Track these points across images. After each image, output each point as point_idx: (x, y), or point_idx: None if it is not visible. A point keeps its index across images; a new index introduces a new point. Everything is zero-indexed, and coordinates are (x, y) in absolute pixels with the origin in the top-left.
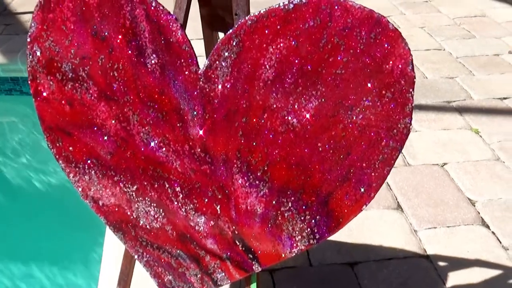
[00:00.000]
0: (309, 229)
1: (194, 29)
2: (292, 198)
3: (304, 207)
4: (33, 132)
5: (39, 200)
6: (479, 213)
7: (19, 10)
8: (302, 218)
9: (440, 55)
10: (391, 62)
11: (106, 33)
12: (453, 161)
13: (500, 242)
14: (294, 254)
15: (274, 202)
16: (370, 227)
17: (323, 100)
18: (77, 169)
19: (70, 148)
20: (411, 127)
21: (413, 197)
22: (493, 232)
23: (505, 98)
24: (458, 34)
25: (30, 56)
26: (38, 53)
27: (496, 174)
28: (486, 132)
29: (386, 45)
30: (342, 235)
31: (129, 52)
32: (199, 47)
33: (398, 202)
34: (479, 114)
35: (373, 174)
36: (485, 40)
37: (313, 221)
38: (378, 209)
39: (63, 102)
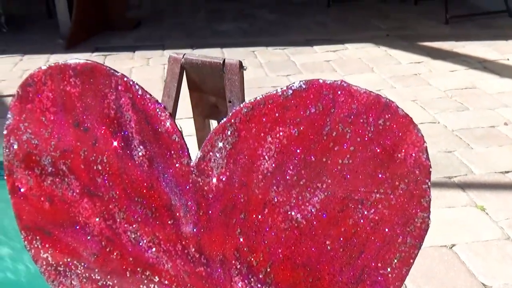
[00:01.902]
0: None
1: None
2: None
3: None
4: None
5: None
6: None
7: (5, 93)
8: None
9: (435, 129)
10: (403, 151)
11: (89, 124)
12: (462, 242)
13: None
14: None
15: None
16: None
17: (329, 193)
18: (57, 272)
19: (50, 249)
20: (429, 222)
21: (423, 285)
22: None
23: (507, 172)
24: (451, 106)
25: (7, 150)
26: (15, 146)
27: (508, 254)
28: (492, 209)
29: (396, 132)
30: None
31: (114, 144)
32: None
33: None
34: (482, 190)
35: (390, 275)
36: (479, 112)
37: None
38: None
39: (42, 198)
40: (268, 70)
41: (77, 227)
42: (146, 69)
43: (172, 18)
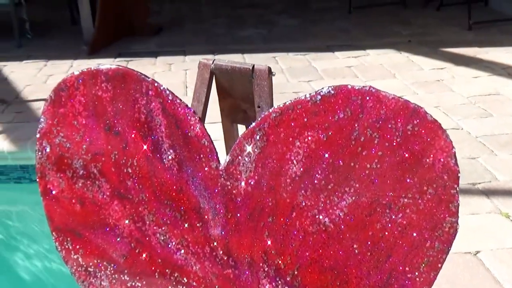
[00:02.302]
0: None
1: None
2: None
3: None
4: (43, 222)
5: None
6: None
7: (30, 98)
8: None
9: (459, 135)
10: (431, 156)
11: (119, 128)
12: (486, 248)
13: None
14: None
15: None
16: None
17: (357, 197)
18: (87, 273)
19: (80, 251)
20: (458, 227)
21: None
22: None
23: None
24: (474, 112)
25: (39, 153)
26: (48, 149)
27: None
28: None
29: (425, 137)
30: None
31: (144, 147)
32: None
33: None
34: (507, 197)
35: (417, 279)
36: (503, 118)
37: None
38: None
39: (73, 201)
40: (290, 76)
41: (107, 229)
42: (168, 75)
43: (192, 24)
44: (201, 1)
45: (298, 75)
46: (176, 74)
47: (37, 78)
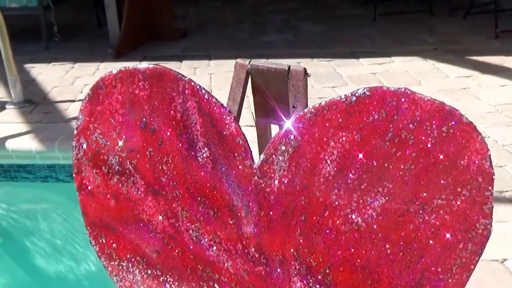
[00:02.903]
0: None
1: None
2: None
3: None
4: (66, 221)
5: None
6: None
7: (57, 99)
8: None
9: None
10: (466, 158)
11: (155, 126)
12: None
13: None
14: None
15: None
16: None
17: (390, 197)
18: (120, 267)
19: (114, 245)
20: (491, 229)
21: None
22: None
23: None
24: (501, 121)
25: (76, 149)
26: (85, 146)
27: None
28: None
29: (460, 139)
30: None
31: (180, 145)
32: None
33: None
34: None
35: (450, 280)
36: None
37: None
38: None
39: (108, 196)
40: (314, 81)
41: (141, 225)
42: (193, 78)
43: (217, 29)
44: (226, 7)
45: (322, 81)
46: (201, 78)
47: (64, 80)
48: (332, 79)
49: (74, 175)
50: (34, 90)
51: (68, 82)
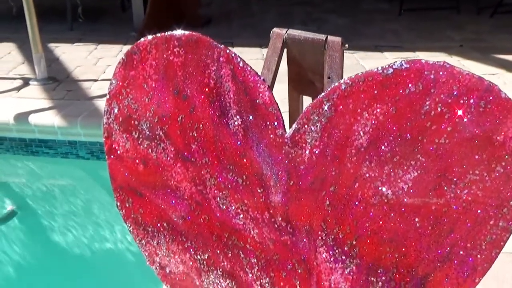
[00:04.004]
0: None
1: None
2: (383, 278)
3: None
4: (85, 197)
5: (88, 266)
6: None
7: (81, 78)
8: None
9: None
10: (503, 134)
11: (188, 92)
12: None
13: None
14: None
15: (362, 281)
16: None
17: (422, 171)
18: (145, 232)
19: (140, 210)
20: None
21: (495, 287)
22: None
23: None
24: None
25: (107, 113)
26: (116, 110)
27: None
28: None
29: (497, 115)
30: None
31: (211, 112)
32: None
33: None
34: None
35: (479, 256)
36: None
37: None
38: None
39: (137, 161)
40: None
41: (168, 191)
42: None
43: (241, 18)
44: None
45: (346, 72)
46: None
47: (87, 60)
48: (355, 71)
49: (104, 139)
50: (58, 68)
51: (91, 62)
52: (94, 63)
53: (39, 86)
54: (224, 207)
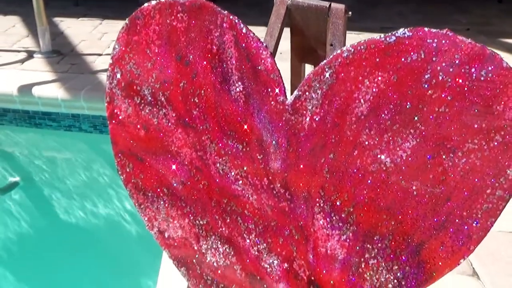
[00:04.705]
0: (395, 281)
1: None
2: (379, 245)
3: (392, 256)
4: (87, 170)
5: (88, 236)
6: None
7: (85, 52)
8: (389, 267)
9: None
10: (502, 103)
11: (191, 58)
12: None
13: None
14: None
15: (358, 247)
16: None
17: (422, 139)
18: (145, 197)
19: (141, 175)
20: None
21: (489, 264)
22: None
23: None
24: None
25: (110, 78)
26: (118, 75)
27: None
28: None
29: (498, 84)
30: None
31: (213, 78)
32: None
33: (473, 268)
34: None
35: (474, 224)
36: None
37: (401, 272)
38: (452, 274)
39: (138, 126)
40: None
41: (169, 156)
42: None
43: None
44: None
45: None
46: None
47: (92, 35)
48: None
49: (106, 104)
50: (62, 42)
51: (96, 37)
52: (99, 37)
53: (43, 59)
54: (224, 173)
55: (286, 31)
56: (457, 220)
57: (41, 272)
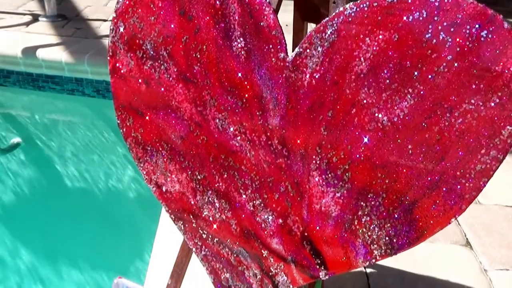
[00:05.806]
0: (387, 238)
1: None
2: (372, 203)
3: (385, 214)
4: (89, 134)
5: (89, 199)
6: None
7: (90, 17)
8: (381, 225)
9: None
10: (501, 64)
11: (194, 13)
12: None
13: None
14: (366, 264)
15: (351, 205)
16: (436, 260)
17: (419, 99)
18: (144, 151)
19: (141, 129)
20: None
21: (483, 236)
22: None
23: None
24: None
25: (113, 32)
26: (122, 29)
27: None
28: None
29: (498, 45)
30: (406, 265)
31: (216, 34)
32: None
33: (467, 238)
34: None
35: (467, 184)
36: None
37: (393, 229)
38: (445, 243)
39: (140, 80)
40: None
41: (169, 110)
42: None
43: None
44: None
45: None
46: None
47: (98, 1)
48: None
49: (108, 57)
50: (68, 6)
51: (101, 3)
52: (105, 3)
53: (48, 22)
54: (223, 128)
55: (291, 4)
56: (450, 180)
57: (40, 233)
